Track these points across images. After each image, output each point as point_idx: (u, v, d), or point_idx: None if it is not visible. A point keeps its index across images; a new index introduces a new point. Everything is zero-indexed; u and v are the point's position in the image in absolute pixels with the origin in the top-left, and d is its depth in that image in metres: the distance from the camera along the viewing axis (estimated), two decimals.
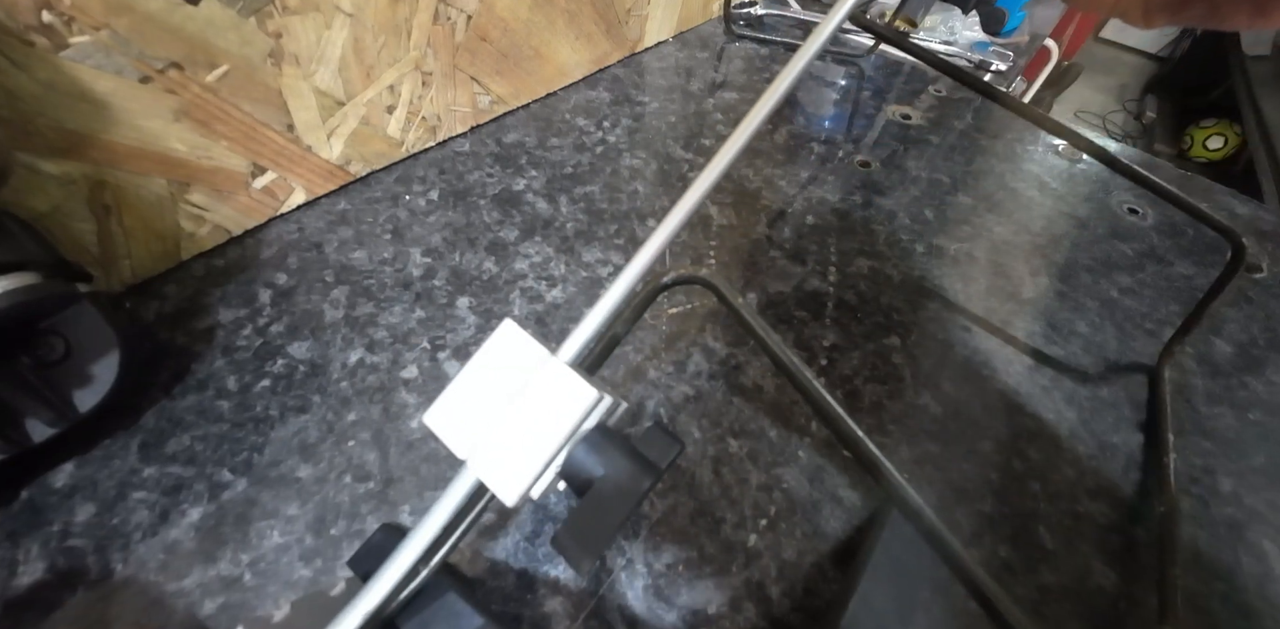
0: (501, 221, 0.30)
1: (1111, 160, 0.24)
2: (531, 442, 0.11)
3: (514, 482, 0.11)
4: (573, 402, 0.11)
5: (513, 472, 0.11)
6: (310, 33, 0.25)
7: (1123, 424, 0.24)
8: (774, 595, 0.18)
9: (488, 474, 0.11)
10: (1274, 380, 0.27)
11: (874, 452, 0.13)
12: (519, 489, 0.11)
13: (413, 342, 0.24)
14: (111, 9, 0.20)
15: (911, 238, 0.31)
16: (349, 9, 0.26)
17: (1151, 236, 0.33)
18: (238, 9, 0.22)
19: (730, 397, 0.23)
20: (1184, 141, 1.65)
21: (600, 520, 0.11)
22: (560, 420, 0.11)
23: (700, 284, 0.17)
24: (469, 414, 0.12)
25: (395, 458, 0.20)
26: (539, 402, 0.11)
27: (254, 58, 0.24)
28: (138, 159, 0.23)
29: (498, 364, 0.12)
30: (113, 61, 0.20)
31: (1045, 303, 0.28)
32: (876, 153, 0.37)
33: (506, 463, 0.11)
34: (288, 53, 0.25)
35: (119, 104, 0.21)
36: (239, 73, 0.24)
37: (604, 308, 0.13)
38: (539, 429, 0.11)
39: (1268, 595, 0.20)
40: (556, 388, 0.11)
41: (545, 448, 0.11)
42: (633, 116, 0.38)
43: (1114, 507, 0.21)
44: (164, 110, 0.22)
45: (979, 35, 0.56)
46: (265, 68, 0.24)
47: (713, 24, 0.49)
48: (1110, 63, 2.01)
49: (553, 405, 0.11)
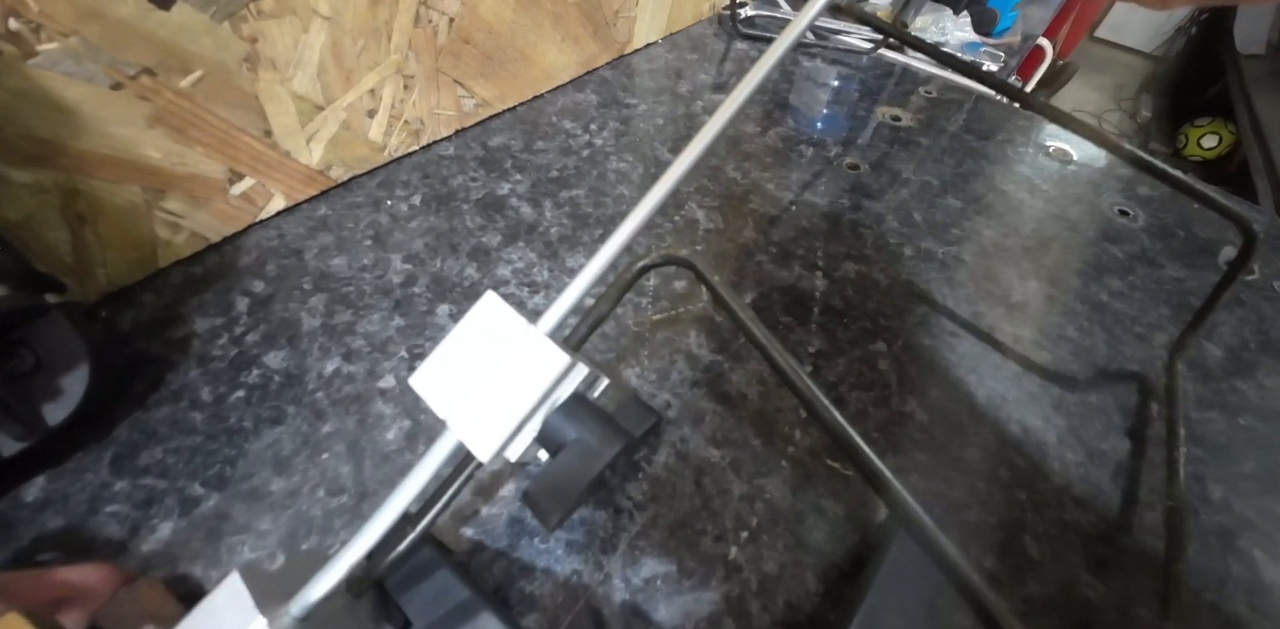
0: (485, 227, 0.29)
1: (1134, 157, 0.23)
2: (507, 403, 0.12)
3: (489, 440, 0.12)
4: (546, 367, 0.12)
5: (488, 430, 0.12)
6: (287, 37, 0.25)
7: (1111, 431, 0.23)
8: (754, 610, 0.17)
9: (466, 433, 0.12)
10: (1265, 385, 0.26)
11: (876, 463, 0.13)
12: (493, 447, 0.12)
13: (391, 350, 0.24)
14: (81, 15, 0.19)
15: (900, 241, 0.31)
16: (326, 12, 0.25)
17: (1142, 239, 0.33)
18: (211, 14, 0.22)
19: (713, 405, 0.23)
20: (1179, 140, 1.65)
21: (570, 479, 0.12)
22: (535, 384, 0.12)
23: (680, 265, 0.17)
24: (451, 378, 0.12)
25: (370, 471, 0.20)
26: (516, 367, 0.12)
27: (229, 63, 0.23)
28: (111, 167, 0.22)
29: (479, 332, 0.13)
30: (83, 69, 0.20)
31: (1034, 307, 0.28)
32: (866, 155, 0.37)
33: (483, 422, 0.12)
34: (264, 57, 0.24)
35: (91, 111, 0.21)
36: (214, 78, 0.23)
37: (582, 282, 0.13)
38: (514, 391, 0.12)
39: (1258, 605, 0.19)
40: (532, 354, 0.12)
41: (519, 408, 0.12)
42: (620, 119, 0.37)
43: (1101, 516, 0.21)
44: (137, 117, 0.22)
45: (970, 36, 0.55)
46: (241, 73, 0.24)
47: (702, 25, 0.48)
48: (1106, 62, 2.01)
49: (528, 370, 0.12)
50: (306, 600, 0.11)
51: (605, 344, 0.25)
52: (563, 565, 0.18)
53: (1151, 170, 0.23)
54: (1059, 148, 0.39)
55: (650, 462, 0.21)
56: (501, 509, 0.19)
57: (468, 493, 0.19)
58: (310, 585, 0.11)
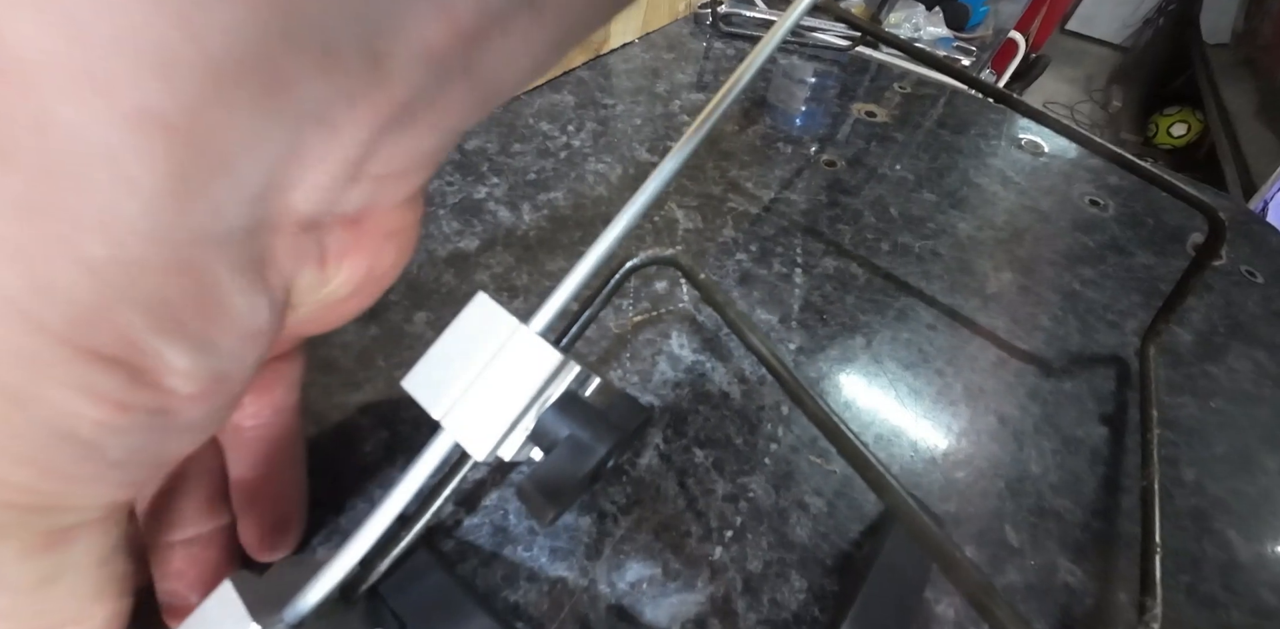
0: (461, 231, 0.29)
1: (1103, 149, 0.23)
2: (500, 401, 0.12)
3: (483, 438, 0.12)
4: (539, 365, 0.12)
5: (482, 428, 0.12)
6: None
7: (1086, 418, 0.24)
8: (740, 609, 0.17)
9: (460, 432, 0.12)
10: (1235, 368, 0.27)
11: (868, 454, 0.13)
12: (488, 444, 0.12)
13: (365, 361, 0.23)
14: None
15: (877, 237, 0.31)
16: None
17: (1113, 227, 0.34)
18: None
19: (696, 405, 0.23)
20: (1149, 129, 1.69)
21: (563, 474, 0.12)
22: (528, 382, 0.12)
23: (668, 265, 0.17)
24: (444, 378, 0.12)
25: (347, 484, 0.20)
26: (508, 365, 0.12)
27: None
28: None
29: (471, 333, 0.13)
30: None
31: (1009, 298, 0.29)
32: (843, 151, 0.37)
33: (477, 421, 0.12)
34: None
35: None
36: None
37: (572, 282, 0.13)
38: (508, 390, 0.12)
39: (1233, 585, 0.20)
40: (524, 353, 0.12)
41: (513, 406, 0.12)
42: (598, 120, 0.37)
43: (1079, 502, 0.21)
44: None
45: (943, 31, 0.56)
46: None
47: (679, 25, 0.48)
48: (1076, 54, 2.05)
49: (521, 369, 0.12)
50: (300, 608, 0.11)
51: (587, 347, 0.25)
52: (547, 573, 0.18)
53: (1120, 161, 0.23)
54: (1031, 140, 0.40)
55: (634, 464, 0.21)
56: (484, 519, 0.19)
57: (451, 503, 0.19)
58: (304, 592, 0.11)
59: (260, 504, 0.16)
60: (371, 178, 0.09)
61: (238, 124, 0.07)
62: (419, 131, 0.09)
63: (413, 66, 0.08)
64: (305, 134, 0.08)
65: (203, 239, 0.08)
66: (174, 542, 0.14)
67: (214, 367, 0.09)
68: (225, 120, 0.07)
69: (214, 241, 0.08)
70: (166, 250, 0.07)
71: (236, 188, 0.07)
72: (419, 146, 0.10)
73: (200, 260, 0.08)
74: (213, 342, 0.08)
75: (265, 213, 0.08)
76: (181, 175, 0.07)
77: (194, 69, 0.06)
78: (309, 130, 0.08)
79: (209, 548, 0.15)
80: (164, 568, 0.14)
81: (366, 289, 0.12)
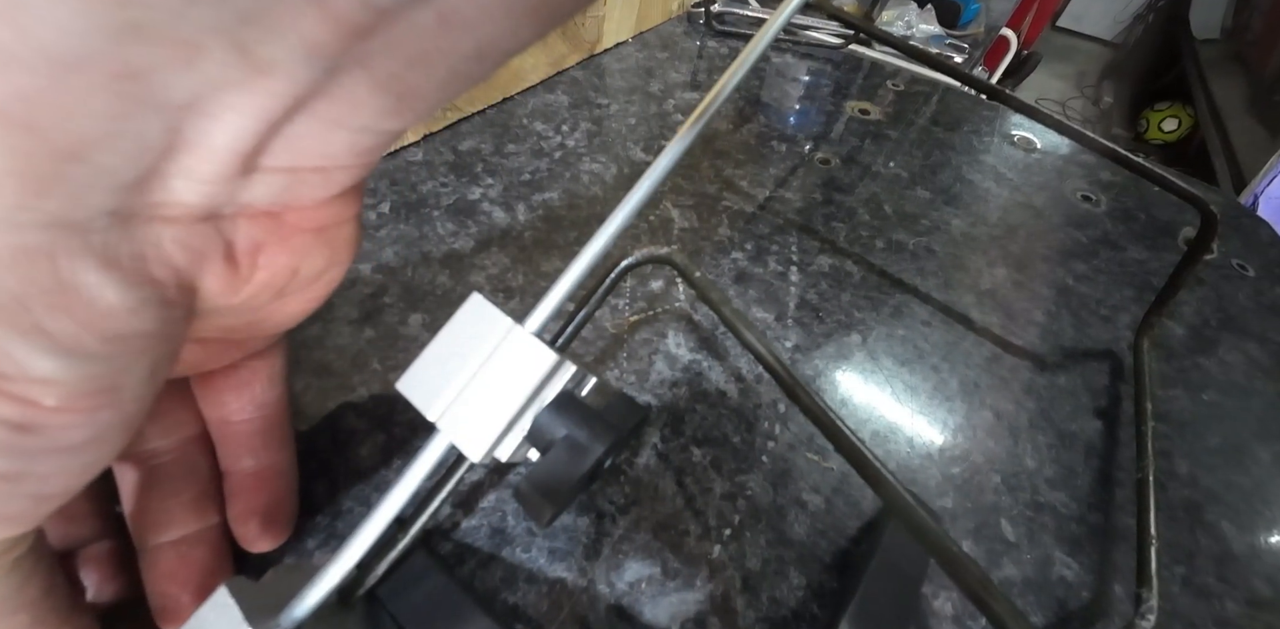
0: (456, 233, 0.29)
1: (1095, 144, 0.23)
2: (496, 402, 0.12)
3: (479, 439, 0.12)
4: (534, 365, 0.12)
5: (478, 430, 0.12)
6: None
7: (1080, 412, 0.24)
8: (739, 607, 0.17)
9: (456, 434, 0.12)
10: (1227, 360, 0.27)
11: (865, 451, 0.13)
12: (484, 446, 0.12)
13: (360, 363, 0.23)
14: None
15: (871, 234, 0.31)
16: None
17: (1105, 223, 0.34)
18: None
19: (693, 404, 0.23)
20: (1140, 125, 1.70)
21: (561, 474, 0.12)
22: (523, 382, 0.12)
23: (664, 263, 0.17)
24: (438, 380, 0.12)
25: (342, 488, 0.19)
26: (503, 366, 0.12)
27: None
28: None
29: (466, 334, 0.12)
30: None
31: (1003, 294, 0.29)
32: (837, 149, 0.37)
33: (473, 422, 0.12)
34: None
35: None
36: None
37: (567, 281, 0.13)
38: (503, 390, 0.12)
39: (1227, 576, 0.20)
40: (519, 353, 0.12)
41: (509, 406, 0.12)
42: (592, 120, 0.37)
43: (1074, 495, 0.21)
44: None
45: (935, 29, 0.56)
46: None
47: (672, 24, 0.48)
48: (1068, 51, 2.06)
49: (516, 369, 0.12)
50: (297, 612, 0.11)
51: (583, 347, 0.24)
52: (546, 574, 0.18)
53: (1112, 156, 0.23)
54: (1023, 136, 0.40)
55: (632, 464, 0.21)
56: (482, 520, 0.19)
57: (448, 505, 0.19)
58: (301, 597, 0.11)
59: (252, 493, 0.15)
60: (276, 170, 0.09)
61: (88, 111, 0.07)
62: (321, 127, 0.09)
63: (291, 58, 0.07)
64: (178, 122, 0.07)
65: (55, 225, 0.07)
66: (163, 543, 0.14)
67: (86, 374, 0.08)
68: (71, 108, 0.06)
69: (72, 229, 0.07)
70: (10, 235, 0.07)
71: (96, 174, 0.07)
72: (328, 142, 0.09)
73: (53, 248, 0.07)
74: (79, 343, 0.08)
75: (139, 201, 0.08)
76: (25, 159, 0.07)
77: (26, 61, 0.06)
78: (182, 119, 0.07)
79: (200, 547, 0.14)
80: (155, 571, 0.14)
81: (305, 291, 0.12)
